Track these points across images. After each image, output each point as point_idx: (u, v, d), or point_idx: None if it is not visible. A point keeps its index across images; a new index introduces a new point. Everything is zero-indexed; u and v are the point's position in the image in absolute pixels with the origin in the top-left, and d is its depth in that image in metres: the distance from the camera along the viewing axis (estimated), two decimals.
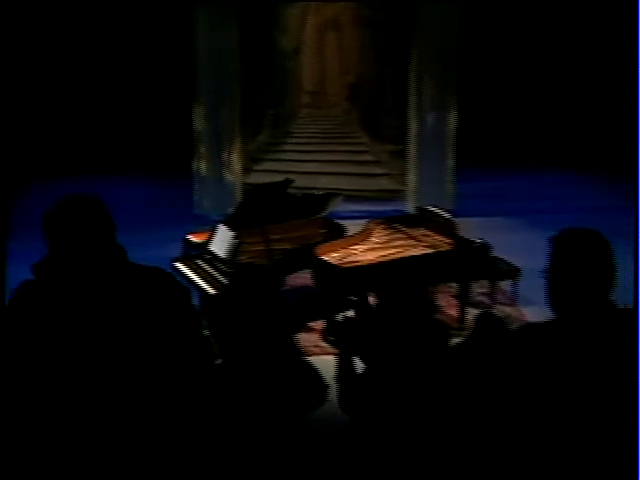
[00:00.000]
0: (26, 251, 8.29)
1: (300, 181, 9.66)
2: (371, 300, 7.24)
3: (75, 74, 12.56)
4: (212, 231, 7.84)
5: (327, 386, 4.00)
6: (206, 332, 3.74)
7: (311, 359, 4.20)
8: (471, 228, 8.53)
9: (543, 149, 12.83)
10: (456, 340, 7.26)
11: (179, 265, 7.82)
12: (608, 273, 3.27)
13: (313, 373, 4.02)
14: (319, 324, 7.83)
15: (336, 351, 4.54)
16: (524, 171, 12.60)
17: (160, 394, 3.33)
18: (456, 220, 8.14)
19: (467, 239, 7.89)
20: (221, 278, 7.37)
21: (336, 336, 7.30)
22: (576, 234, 3.33)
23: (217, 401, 3.65)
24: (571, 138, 12.98)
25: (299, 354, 4.11)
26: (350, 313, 7.57)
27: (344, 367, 4.30)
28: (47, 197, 3.49)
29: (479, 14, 11.92)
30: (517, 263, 8.42)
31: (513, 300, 8.48)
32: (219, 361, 3.83)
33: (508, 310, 8.32)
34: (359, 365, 4.26)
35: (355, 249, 7.87)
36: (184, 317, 3.47)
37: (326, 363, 4.55)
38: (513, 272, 8.39)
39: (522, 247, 8.87)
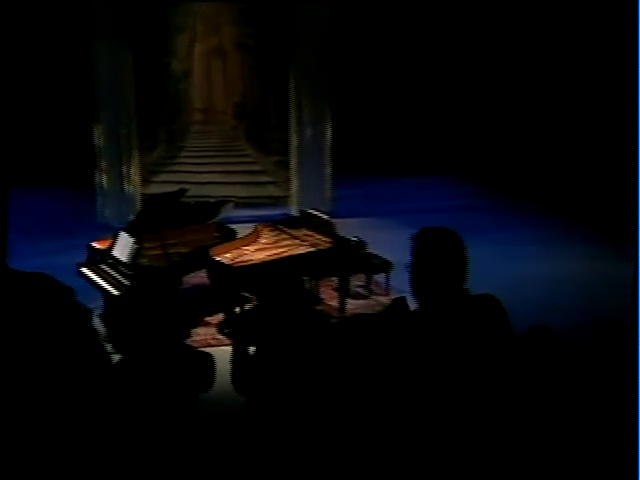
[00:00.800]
0: None
1: (194, 190, 9.59)
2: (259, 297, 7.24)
3: None
4: (114, 238, 7.71)
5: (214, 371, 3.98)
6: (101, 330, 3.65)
7: (209, 350, 4.18)
8: (348, 228, 8.58)
9: (408, 157, 12.99)
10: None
11: (84, 270, 7.66)
12: (461, 265, 3.33)
13: (204, 360, 3.99)
14: (215, 318, 7.77)
15: (231, 342, 4.53)
16: (392, 176, 12.76)
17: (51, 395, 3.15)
18: (334, 221, 8.19)
19: (344, 238, 7.94)
20: (123, 280, 7.26)
21: (231, 328, 7.30)
22: (433, 232, 3.40)
23: (114, 394, 3.56)
24: (430, 146, 13.18)
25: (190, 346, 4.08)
26: (242, 308, 7.57)
27: (238, 354, 4.29)
28: None
29: (348, 40, 12.04)
30: (389, 258, 8.51)
31: (387, 291, 8.55)
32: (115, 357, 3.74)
33: (383, 300, 8.38)
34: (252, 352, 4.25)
35: (246, 250, 7.84)
36: (69, 316, 3.34)
37: (223, 353, 4.53)
38: (386, 266, 8.48)
39: (393, 243, 8.90)
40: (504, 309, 3.39)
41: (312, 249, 7.83)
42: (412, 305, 3.46)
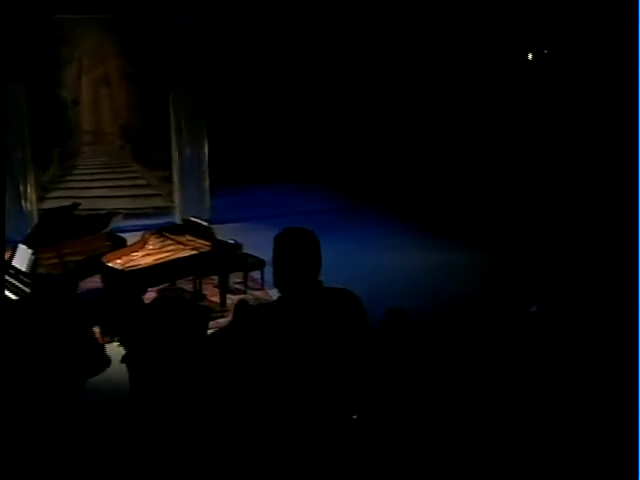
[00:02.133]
0: None
1: (86, 204, 9.33)
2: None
3: None
4: (14, 250, 7.42)
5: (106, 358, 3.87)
6: None
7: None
8: (225, 232, 8.54)
9: (275, 167, 13.05)
10: (220, 320, 7.27)
11: None
12: (315, 259, 3.32)
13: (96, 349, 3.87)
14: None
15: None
16: (261, 185, 12.81)
17: None
18: (213, 227, 8.12)
19: (222, 241, 7.89)
20: (24, 288, 6.99)
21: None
22: (290, 232, 3.37)
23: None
24: (296, 156, 13.26)
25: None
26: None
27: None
28: None
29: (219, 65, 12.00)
30: (262, 256, 8.48)
31: (262, 285, 8.52)
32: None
33: (258, 294, 8.37)
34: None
35: (135, 255, 7.68)
36: None
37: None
38: (260, 264, 8.45)
39: (264, 244, 8.89)
40: (358, 300, 3.39)
41: (194, 252, 7.76)
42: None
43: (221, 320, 7.25)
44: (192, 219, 8.34)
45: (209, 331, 4.17)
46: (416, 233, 10.45)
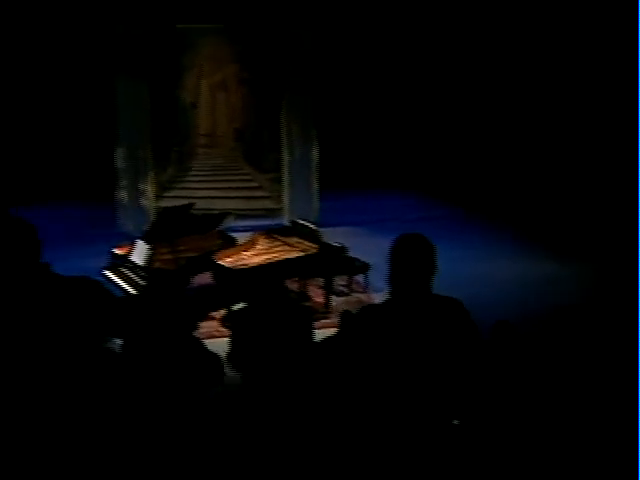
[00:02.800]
0: None
1: (200, 204, 9.60)
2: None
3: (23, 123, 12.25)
4: (132, 245, 7.74)
5: (223, 367, 3.95)
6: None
7: (213, 341, 4.19)
8: (331, 235, 8.60)
9: (383, 174, 13.06)
10: (323, 320, 7.37)
11: (107, 273, 7.69)
12: (430, 266, 3.38)
13: (213, 357, 3.96)
14: (218, 313, 7.80)
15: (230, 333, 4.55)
16: (370, 190, 12.83)
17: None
18: (320, 229, 8.21)
19: (329, 244, 7.97)
20: (140, 281, 7.28)
21: (231, 322, 7.30)
22: (408, 238, 3.42)
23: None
24: (405, 165, 13.24)
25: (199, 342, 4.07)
26: (241, 305, 7.59)
27: (236, 339, 4.32)
28: None
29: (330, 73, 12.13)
30: (367, 260, 8.55)
31: (365, 289, 8.58)
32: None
33: (362, 297, 8.42)
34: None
35: (244, 255, 7.86)
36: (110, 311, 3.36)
37: (224, 344, 4.56)
38: (364, 267, 8.51)
39: (370, 248, 9.01)
40: (466, 310, 3.43)
41: (301, 254, 7.86)
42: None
43: (325, 321, 7.37)
44: (300, 221, 8.45)
45: (315, 332, 4.27)
46: (513, 242, 10.26)
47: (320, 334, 4.46)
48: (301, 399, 3.82)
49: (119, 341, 3.74)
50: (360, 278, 8.64)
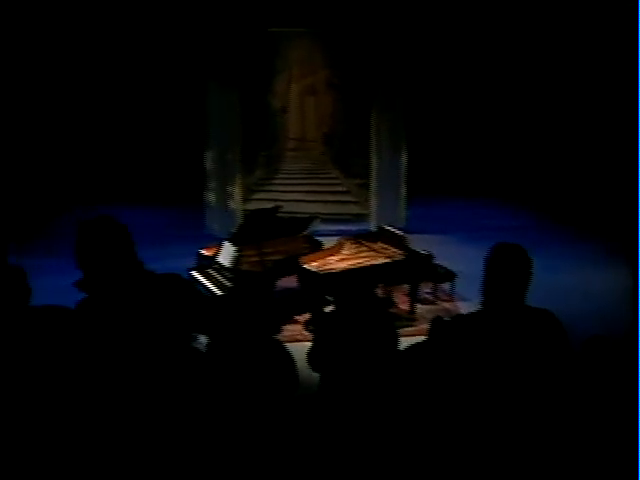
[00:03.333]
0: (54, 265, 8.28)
1: (287, 207, 9.68)
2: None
3: (117, 127, 12.58)
4: (219, 247, 7.82)
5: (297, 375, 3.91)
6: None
7: (296, 344, 4.18)
8: (418, 242, 8.52)
9: (470, 181, 12.88)
10: (407, 328, 7.29)
11: (194, 273, 7.79)
12: (526, 278, 3.29)
13: (290, 364, 3.92)
14: (302, 317, 7.80)
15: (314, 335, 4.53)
16: (455, 198, 12.68)
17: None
18: (407, 236, 8.14)
19: (415, 251, 7.89)
20: (226, 283, 7.34)
21: (315, 326, 7.30)
22: (505, 248, 3.35)
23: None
24: (492, 172, 13.02)
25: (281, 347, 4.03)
26: (327, 309, 7.57)
27: (319, 342, 4.29)
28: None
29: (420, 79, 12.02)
30: (453, 268, 8.44)
31: (451, 297, 8.47)
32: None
33: (447, 305, 8.31)
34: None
35: (330, 259, 7.86)
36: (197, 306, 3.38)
37: (308, 348, 4.54)
38: (450, 275, 8.40)
39: (456, 256, 8.90)
40: (560, 323, 3.33)
41: (387, 260, 7.82)
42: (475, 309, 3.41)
43: (409, 329, 7.28)
44: (387, 227, 8.41)
45: (400, 339, 4.21)
46: (604, 252, 9.91)
47: (404, 341, 4.40)
48: (381, 404, 3.76)
49: (204, 340, 3.75)
50: (446, 286, 8.52)
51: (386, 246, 8.07)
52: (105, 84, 12.29)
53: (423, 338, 4.00)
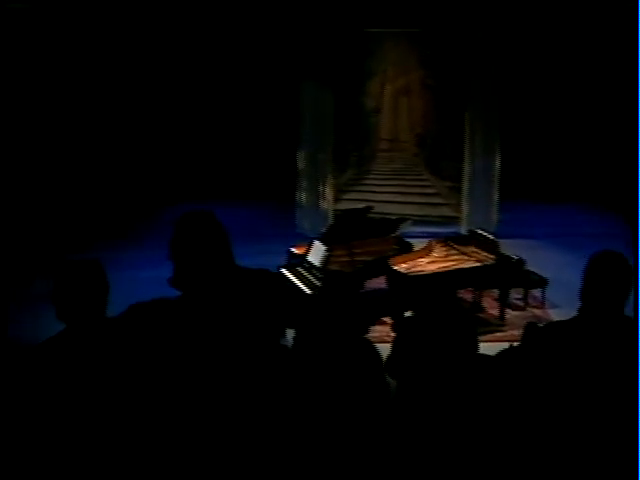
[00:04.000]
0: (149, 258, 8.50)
1: (378, 208, 9.71)
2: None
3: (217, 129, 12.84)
4: (309, 245, 7.90)
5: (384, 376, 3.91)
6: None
7: (383, 346, 4.18)
8: (510, 247, 8.41)
9: (564, 186, 12.58)
10: (496, 334, 7.20)
11: (284, 271, 7.89)
12: (627, 287, 3.23)
13: (378, 363, 3.92)
14: (390, 319, 7.80)
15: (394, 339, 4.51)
16: (549, 203, 12.40)
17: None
18: (499, 241, 8.05)
19: (507, 255, 7.81)
20: (315, 282, 7.41)
21: (397, 328, 7.27)
22: (607, 256, 3.31)
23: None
24: (587, 177, 12.69)
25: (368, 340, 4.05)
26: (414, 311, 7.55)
27: (398, 346, 4.29)
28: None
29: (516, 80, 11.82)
30: (545, 275, 8.29)
31: (542, 304, 8.32)
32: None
33: (538, 312, 8.18)
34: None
35: (420, 261, 7.85)
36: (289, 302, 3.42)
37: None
38: (542, 282, 8.27)
39: (546, 262, 8.75)
40: None
41: (478, 264, 7.75)
42: (566, 317, 3.36)
43: (498, 334, 7.21)
44: (478, 231, 8.34)
45: (488, 344, 4.17)
46: None
47: (493, 346, 4.36)
48: (461, 411, 3.73)
49: (290, 337, 3.80)
50: (537, 292, 8.38)
51: (477, 250, 8.00)
52: (204, 83, 12.54)
53: (515, 344, 3.96)
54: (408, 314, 7.62)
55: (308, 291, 7.34)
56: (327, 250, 7.53)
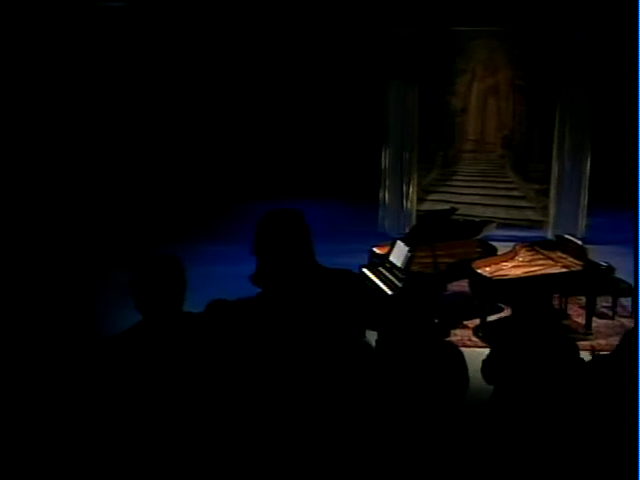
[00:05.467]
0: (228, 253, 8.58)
1: (462, 210, 9.62)
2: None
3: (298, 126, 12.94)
4: (392, 245, 7.89)
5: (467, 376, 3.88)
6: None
7: (464, 350, 4.14)
8: (599, 253, 8.23)
9: None
10: (582, 342, 7.05)
11: (365, 270, 7.91)
12: None
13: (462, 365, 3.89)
14: (472, 322, 7.73)
15: (484, 344, 4.49)
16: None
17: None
18: (587, 246, 7.88)
19: (595, 262, 7.64)
20: (397, 282, 7.40)
21: (485, 333, 7.22)
22: None
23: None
24: None
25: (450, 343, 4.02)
26: (497, 316, 7.48)
27: (493, 353, 4.25)
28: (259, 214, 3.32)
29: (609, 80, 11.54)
30: (632, 282, 8.07)
31: (630, 314, 8.10)
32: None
33: (626, 322, 7.97)
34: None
35: (504, 265, 7.76)
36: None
37: (476, 354, 4.50)
38: (631, 290, 8.04)
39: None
40: None
41: (564, 270, 7.61)
42: None
43: (584, 343, 7.05)
44: (566, 236, 8.19)
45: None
46: None
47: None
48: (559, 420, 3.68)
49: (372, 337, 3.80)
50: (626, 301, 8.17)
51: (564, 255, 7.86)
52: (292, 81, 12.65)
53: (602, 352, 3.88)
54: (491, 318, 7.60)
55: (389, 292, 7.34)
56: (410, 251, 7.51)
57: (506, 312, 7.83)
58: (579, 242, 7.93)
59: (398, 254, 7.62)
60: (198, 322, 3.20)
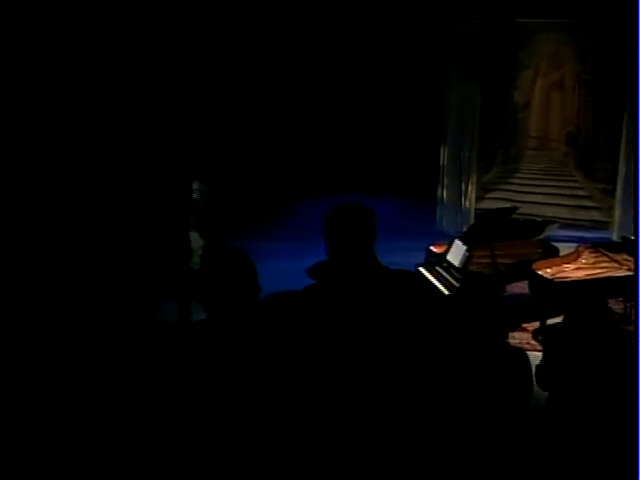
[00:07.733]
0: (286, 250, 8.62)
1: (523, 209, 9.49)
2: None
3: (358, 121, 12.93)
4: (449, 244, 7.83)
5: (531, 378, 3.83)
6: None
7: None
8: None
9: None
10: None
11: (422, 269, 7.86)
12: None
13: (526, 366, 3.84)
14: (532, 325, 7.61)
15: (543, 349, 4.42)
16: None
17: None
18: None
19: None
20: (454, 282, 7.34)
21: (544, 336, 7.10)
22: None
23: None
24: None
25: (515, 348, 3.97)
26: (558, 320, 7.34)
27: (548, 358, 4.18)
28: (319, 209, 3.40)
29: None
30: None
31: None
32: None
33: None
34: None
35: (566, 267, 7.61)
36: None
37: (534, 358, 4.43)
38: None
39: None
40: None
41: (629, 273, 7.43)
42: None
43: None
44: (632, 238, 8.00)
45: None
46: None
47: None
48: (617, 433, 3.59)
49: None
50: None
51: (630, 258, 7.67)
52: (351, 77, 12.64)
53: None
54: (551, 321, 7.46)
55: (446, 291, 7.28)
56: (468, 250, 7.43)
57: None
58: None
59: (456, 253, 7.55)
60: (256, 315, 3.21)
